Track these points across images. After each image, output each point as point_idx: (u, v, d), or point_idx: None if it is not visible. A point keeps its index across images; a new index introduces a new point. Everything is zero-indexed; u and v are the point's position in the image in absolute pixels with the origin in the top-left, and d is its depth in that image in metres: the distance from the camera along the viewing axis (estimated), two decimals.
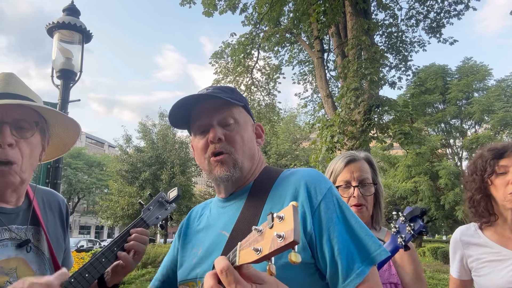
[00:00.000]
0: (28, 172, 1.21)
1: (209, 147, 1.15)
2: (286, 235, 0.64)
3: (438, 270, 14.33)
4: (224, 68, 13.66)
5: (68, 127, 1.37)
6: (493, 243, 1.65)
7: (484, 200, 1.69)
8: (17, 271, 1.14)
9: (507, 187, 1.59)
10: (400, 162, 25.82)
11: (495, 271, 1.59)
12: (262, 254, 0.68)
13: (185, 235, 1.31)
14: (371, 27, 8.73)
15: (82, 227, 48.86)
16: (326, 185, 1.07)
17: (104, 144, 60.86)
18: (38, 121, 1.24)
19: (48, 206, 1.37)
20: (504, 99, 25.27)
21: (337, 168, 1.80)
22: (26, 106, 1.20)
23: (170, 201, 1.48)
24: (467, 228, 1.77)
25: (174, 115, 1.20)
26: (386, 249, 1.01)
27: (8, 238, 1.17)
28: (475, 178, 1.72)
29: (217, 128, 1.14)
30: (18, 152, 1.16)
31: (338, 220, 1.01)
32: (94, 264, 1.23)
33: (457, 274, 1.77)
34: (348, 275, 0.95)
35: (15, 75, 1.28)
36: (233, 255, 0.77)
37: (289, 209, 0.67)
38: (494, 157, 1.66)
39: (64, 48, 4.27)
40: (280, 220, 0.67)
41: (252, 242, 0.72)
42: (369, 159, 1.84)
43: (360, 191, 1.73)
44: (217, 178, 1.15)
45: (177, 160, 27.48)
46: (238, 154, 1.14)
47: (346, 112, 8.21)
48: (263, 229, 0.71)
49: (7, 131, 1.14)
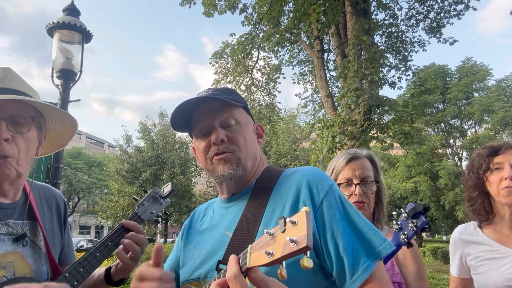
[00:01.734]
0: (24, 167, 1.22)
1: (211, 148, 1.16)
2: (299, 240, 0.65)
3: (438, 270, 14.33)
4: (224, 68, 13.67)
5: (65, 122, 1.37)
6: (492, 241, 1.66)
7: (481, 198, 1.71)
8: (14, 265, 1.14)
9: (500, 183, 1.61)
10: (400, 162, 25.81)
11: (493, 268, 1.60)
12: (274, 258, 0.69)
13: (188, 235, 1.32)
14: (372, 27, 8.73)
15: (82, 227, 48.83)
16: (328, 182, 1.07)
17: (104, 144, 60.84)
18: (34, 116, 1.24)
19: (45, 201, 1.37)
20: (504, 99, 25.27)
21: (338, 165, 1.79)
22: (22, 101, 1.19)
23: (164, 196, 1.49)
24: (466, 227, 1.78)
25: (175, 118, 1.21)
26: (391, 243, 1.01)
27: (6, 232, 1.17)
28: (471, 175, 1.74)
29: (219, 130, 1.15)
30: (14, 146, 1.16)
31: (341, 217, 1.02)
32: (89, 259, 1.24)
33: (457, 273, 1.77)
34: (355, 270, 0.96)
35: (12, 69, 1.28)
36: (243, 257, 0.78)
37: (302, 214, 0.68)
38: (490, 154, 1.68)
39: (64, 48, 4.27)
40: (293, 225, 0.68)
41: (263, 245, 0.73)
42: (371, 157, 1.83)
43: (361, 189, 1.71)
44: (220, 176, 1.15)
45: (177, 160, 27.46)
46: (241, 153, 1.15)
47: (346, 112, 8.21)
48: (275, 233, 0.72)
49: (3, 126, 1.14)
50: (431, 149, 24.32)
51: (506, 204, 1.62)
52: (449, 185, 22.85)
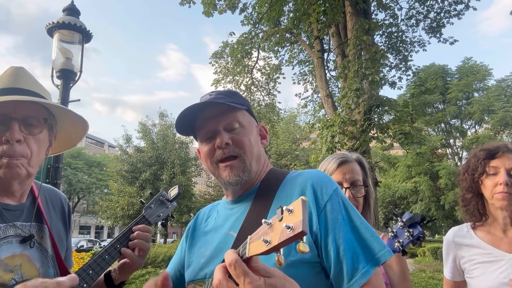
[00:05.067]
0: (35, 168, 1.22)
1: (216, 152, 1.17)
2: (294, 226, 0.66)
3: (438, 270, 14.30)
4: (224, 68, 13.67)
5: (75, 124, 1.37)
6: (485, 244, 1.65)
7: (475, 199, 1.70)
8: (21, 268, 1.14)
9: (495, 188, 1.61)
10: (400, 162, 25.83)
11: (487, 272, 1.59)
12: (271, 245, 0.70)
13: (193, 236, 1.33)
14: (372, 27, 8.73)
15: (82, 227, 48.83)
16: (332, 186, 1.08)
17: (104, 144, 60.84)
18: (47, 118, 1.23)
19: (51, 204, 1.37)
20: (504, 99, 25.30)
21: (329, 168, 1.84)
22: (35, 103, 1.19)
23: (171, 199, 1.50)
24: (460, 229, 1.77)
25: (180, 124, 1.22)
26: (390, 250, 1.03)
27: (13, 234, 1.16)
28: (466, 177, 1.74)
29: (223, 134, 1.16)
30: (26, 147, 1.16)
31: (343, 221, 1.03)
32: (98, 261, 1.25)
33: (450, 276, 1.77)
34: (353, 275, 0.97)
35: (25, 69, 1.27)
36: (243, 248, 0.79)
37: (298, 203, 0.70)
38: (486, 157, 1.67)
39: (64, 48, 4.27)
40: (289, 212, 0.70)
41: (262, 235, 0.74)
42: (360, 161, 1.88)
43: (351, 193, 1.76)
44: (226, 182, 1.17)
45: (177, 160, 27.45)
46: (247, 156, 1.17)
47: (346, 112, 8.21)
48: (272, 222, 0.74)
49: (16, 127, 1.13)
50: (431, 149, 24.34)
51: (500, 207, 1.62)
52: (449, 185, 22.87)
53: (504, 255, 1.58)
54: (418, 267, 14.82)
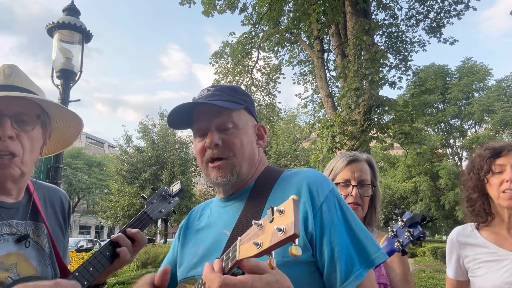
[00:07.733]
0: (29, 166, 1.20)
1: (206, 151, 1.15)
2: (286, 229, 0.64)
3: (438, 270, 14.30)
4: (224, 68, 13.67)
5: (70, 122, 1.35)
6: (490, 243, 1.65)
7: (480, 199, 1.69)
8: (17, 267, 1.13)
9: (501, 186, 1.60)
10: (400, 162, 25.83)
11: (491, 271, 1.59)
12: (262, 248, 0.68)
13: (185, 234, 1.31)
14: (372, 27, 8.73)
15: (82, 227, 48.81)
16: (329, 186, 1.07)
17: (104, 144, 60.81)
18: (39, 114, 1.22)
19: (49, 202, 1.36)
20: (504, 99, 25.29)
21: (338, 166, 1.83)
22: (28, 99, 1.18)
23: (173, 194, 1.49)
24: (464, 229, 1.76)
25: (172, 118, 1.20)
26: (385, 253, 1.03)
27: (9, 233, 1.15)
28: (472, 176, 1.73)
29: (214, 134, 1.13)
30: (18, 144, 1.15)
31: (339, 222, 1.02)
32: (98, 258, 1.24)
33: (453, 275, 1.76)
34: (347, 277, 0.97)
35: (17, 66, 1.26)
36: (233, 250, 0.78)
37: (289, 203, 0.67)
38: (491, 156, 1.66)
39: (64, 48, 4.27)
40: (280, 213, 0.68)
41: (252, 236, 0.73)
42: (370, 162, 1.87)
43: (358, 191, 1.75)
44: (214, 182, 1.16)
45: (177, 160, 27.44)
46: (236, 158, 1.14)
47: (346, 112, 8.21)
48: (263, 223, 0.71)
49: (8, 123, 1.12)
50: (431, 149, 24.34)
51: (506, 207, 1.61)
52: (449, 185, 22.87)
53: (509, 254, 1.58)
54: (418, 267, 14.82)
